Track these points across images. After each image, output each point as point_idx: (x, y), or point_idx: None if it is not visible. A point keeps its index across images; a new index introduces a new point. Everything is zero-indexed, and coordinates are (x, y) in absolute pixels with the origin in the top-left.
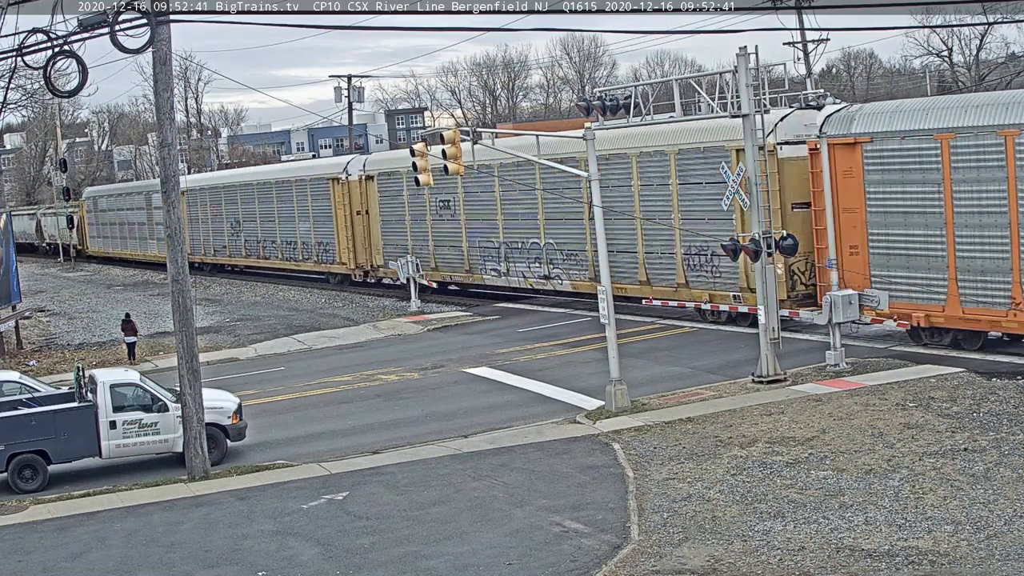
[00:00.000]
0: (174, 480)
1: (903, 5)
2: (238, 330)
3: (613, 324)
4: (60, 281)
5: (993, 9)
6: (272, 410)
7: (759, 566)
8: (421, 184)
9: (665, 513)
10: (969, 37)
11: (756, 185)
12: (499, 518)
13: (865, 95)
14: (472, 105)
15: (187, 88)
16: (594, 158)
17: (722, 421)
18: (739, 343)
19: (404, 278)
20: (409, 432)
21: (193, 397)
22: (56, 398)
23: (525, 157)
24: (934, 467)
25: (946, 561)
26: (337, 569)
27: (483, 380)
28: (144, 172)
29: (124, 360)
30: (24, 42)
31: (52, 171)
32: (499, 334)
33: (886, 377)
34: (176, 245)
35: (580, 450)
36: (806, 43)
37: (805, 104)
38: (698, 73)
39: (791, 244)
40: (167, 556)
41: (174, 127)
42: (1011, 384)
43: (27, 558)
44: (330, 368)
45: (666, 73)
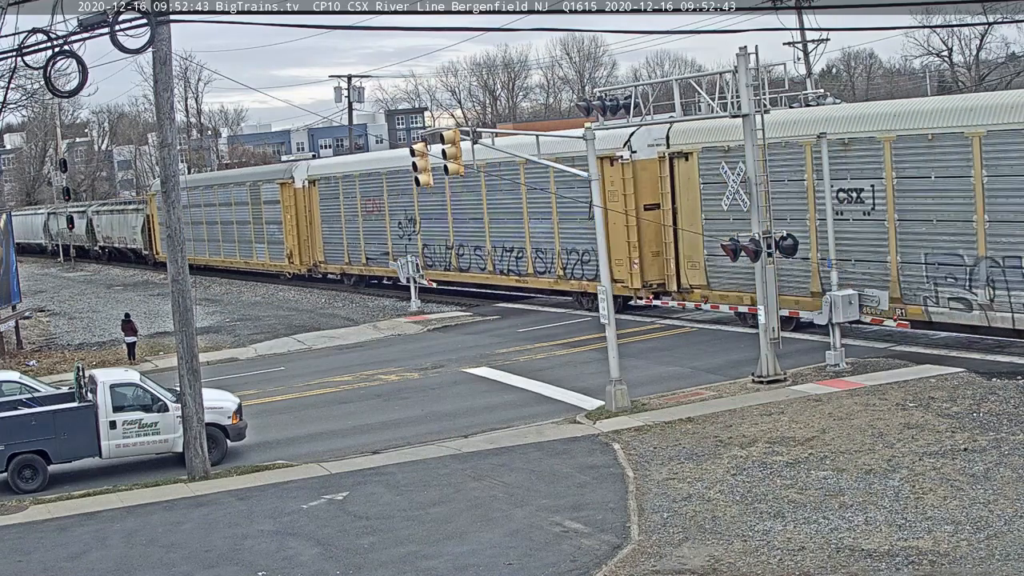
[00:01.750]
0: (174, 480)
1: (903, 5)
2: (238, 330)
3: (613, 324)
4: (60, 281)
5: (993, 9)
6: (272, 410)
7: (759, 566)
8: (421, 184)
9: (665, 513)
10: (969, 37)
11: (756, 185)
12: (499, 518)
13: (865, 95)
14: (472, 105)
15: (187, 88)
16: (594, 158)
17: (722, 421)
18: (739, 343)
19: (404, 278)
20: (409, 432)
21: (193, 397)
22: (56, 398)
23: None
24: (934, 467)
25: (946, 561)
26: (337, 569)
27: (483, 380)
28: (144, 172)
29: (124, 360)
30: (24, 42)
31: (52, 171)
32: (499, 334)
33: (886, 377)
34: (176, 245)
35: (580, 450)
36: (806, 43)
37: (805, 104)
38: (698, 73)
39: (791, 244)
40: (167, 556)
41: (174, 127)
42: (1011, 384)
43: (27, 558)
44: (330, 368)
45: (666, 73)
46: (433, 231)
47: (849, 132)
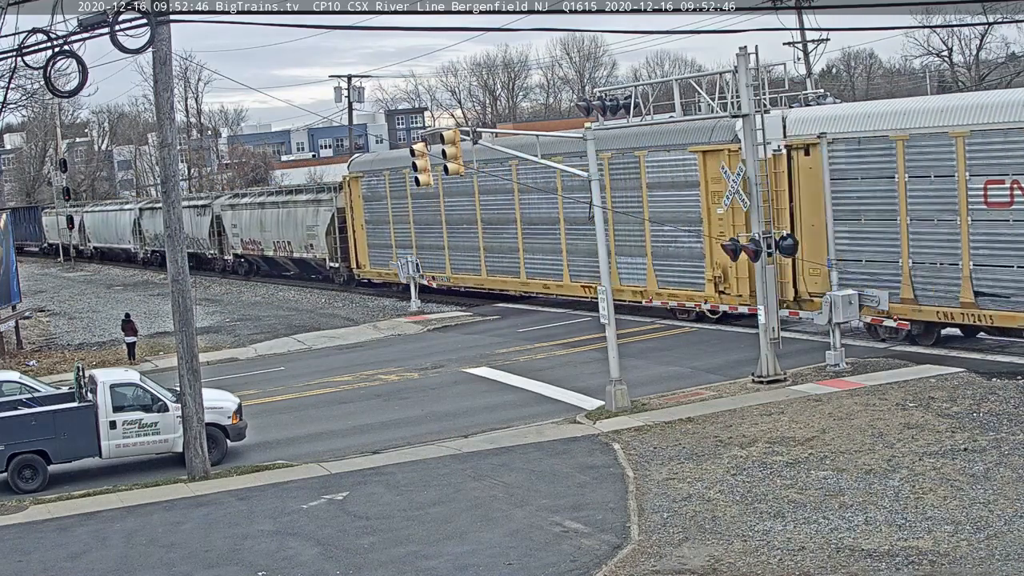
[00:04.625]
0: (174, 480)
1: (903, 5)
2: (238, 330)
3: (613, 324)
4: (60, 281)
5: (993, 9)
6: (272, 410)
7: (759, 566)
8: (421, 184)
9: (665, 513)
10: (969, 37)
11: (756, 185)
12: (499, 518)
13: (865, 95)
14: (472, 105)
15: (187, 88)
16: (594, 158)
17: (722, 421)
18: (739, 343)
19: (404, 278)
20: (409, 432)
21: (193, 397)
22: (56, 398)
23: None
24: (934, 467)
25: (946, 561)
26: (337, 569)
27: (483, 380)
28: (144, 172)
29: (124, 360)
30: (24, 42)
31: (52, 171)
32: (499, 334)
33: (886, 377)
34: (175, 245)
35: (580, 450)
36: (806, 43)
37: (805, 104)
38: (698, 73)
39: (791, 244)
40: (167, 556)
41: (174, 127)
42: (1011, 384)
43: (27, 558)
44: (330, 368)
45: (666, 73)
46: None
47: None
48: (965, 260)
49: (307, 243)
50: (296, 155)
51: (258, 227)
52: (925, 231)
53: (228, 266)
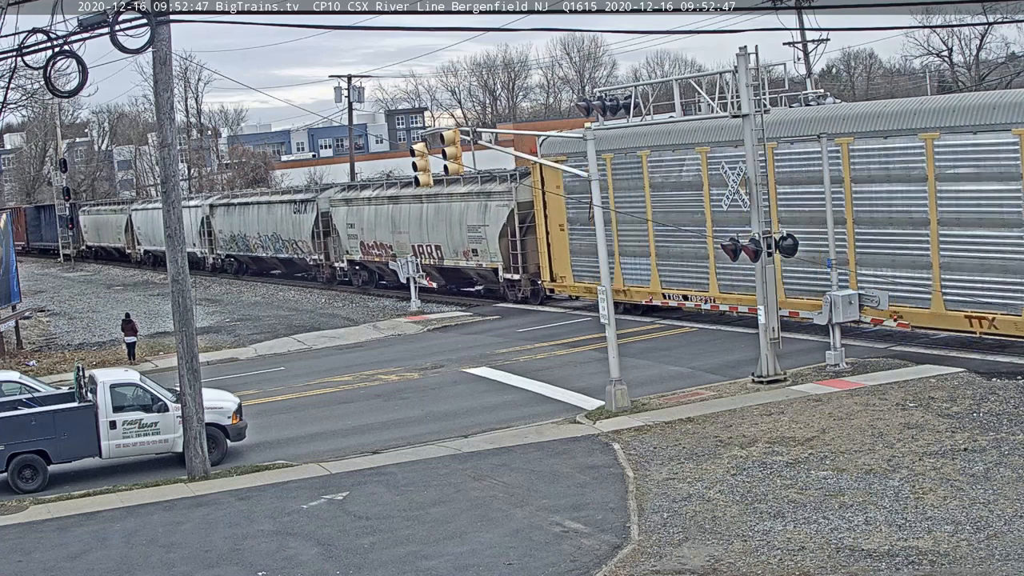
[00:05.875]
0: (174, 480)
1: (903, 5)
2: (238, 330)
3: (613, 324)
4: (60, 281)
5: (993, 9)
6: (272, 410)
7: (759, 566)
8: (422, 184)
9: (665, 513)
10: (969, 37)
11: (756, 185)
12: (499, 518)
13: (865, 95)
14: (472, 105)
15: (187, 88)
16: (594, 158)
17: (722, 421)
18: (739, 343)
19: (404, 278)
20: (409, 432)
21: (193, 397)
22: (56, 398)
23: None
24: (934, 467)
25: (946, 561)
26: (337, 569)
27: (483, 380)
28: (144, 172)
29: (124, 360)
30: (24, 42)
31: (52, 171)
32: (499, 334)
33: (886, 377)
34: (175, 245)
35: (580, 450)
36: (806, 43)
37: (805, 104)
38: (698, 73)
39: (791, 244)
40: (167, 556)
41: (174, 127)
42: (1011, 384)
43: (27, 558)
44: (330, 368)
45: (666, 73)
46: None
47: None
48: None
49: (468, 248)
50: (296, 155)
51: (388, 227)
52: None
53: (336, 276)
